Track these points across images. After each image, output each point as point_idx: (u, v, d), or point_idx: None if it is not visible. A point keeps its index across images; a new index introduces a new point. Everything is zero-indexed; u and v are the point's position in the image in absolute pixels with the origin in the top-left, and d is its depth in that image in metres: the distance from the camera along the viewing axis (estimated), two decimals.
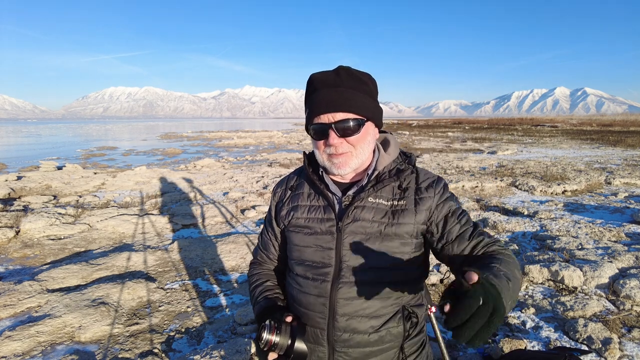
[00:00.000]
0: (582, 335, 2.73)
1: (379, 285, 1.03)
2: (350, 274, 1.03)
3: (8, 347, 2.70)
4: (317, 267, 1.07)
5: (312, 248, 1.08)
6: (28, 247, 4.98)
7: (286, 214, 1.16)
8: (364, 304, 1.03)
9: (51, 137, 37.99)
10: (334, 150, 1.03)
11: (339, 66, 1.06)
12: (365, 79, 1.05)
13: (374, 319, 1.04)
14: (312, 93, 1.05)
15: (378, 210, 1.05)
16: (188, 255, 4.56)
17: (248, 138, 27.55)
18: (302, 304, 1.10)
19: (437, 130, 36.88)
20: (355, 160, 1.05)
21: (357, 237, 1.04)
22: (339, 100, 1.00)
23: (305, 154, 1.20)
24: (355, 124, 1.01)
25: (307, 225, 1.10)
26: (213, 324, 3.19)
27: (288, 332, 0.99)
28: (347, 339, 1.05)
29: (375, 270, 1.03)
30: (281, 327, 0.99)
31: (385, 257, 1.03)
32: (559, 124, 38.98)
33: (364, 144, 1.05)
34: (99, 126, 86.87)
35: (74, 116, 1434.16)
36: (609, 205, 6.62)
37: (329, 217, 1.08)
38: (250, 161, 14.79)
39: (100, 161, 15.83)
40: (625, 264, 3.86)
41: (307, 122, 1.09)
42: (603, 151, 15.30)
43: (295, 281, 1.12)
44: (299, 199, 1.15)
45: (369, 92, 1.06)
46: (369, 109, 1.04)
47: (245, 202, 7.26)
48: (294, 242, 1.13)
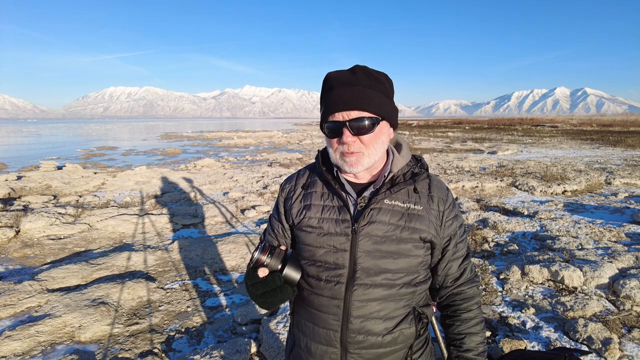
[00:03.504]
0: (582, 336, 2.73)
1: (393, 287, 1.04)
2: (365, 276, 1.03)
3: (8, 347, 2.71)
4: (331, 268, 1.06)
5: (325, 249, 1.07)
6: (28, 246, 4.98)
7: (298, 213, 1.14)
8: (378, 305, 1.04)
9: (51, 137, 38.01)
10: (346, 148, 1.02)
11: (356, 65, 1.05)
12: (382, 78, 1.05)
13: (388, 321, 1.05)
14: (328, 91, 1.04)
15: (394, 212, 1.05)
16: (188, 255, 4.56)
17: (248, 138, 27.56)
18: (313, 305, 1.09)
19: (437, 130, 36.89)
20: (368, 160, 1.04)
21: (372, 239, 1.03)
22: (355, 99, 1.00)
23: (319, 151, 1.18)
24: (369, 123, 1.01)
25: (320, 226, 1.08)
26: (213, 323, 3.19)
27: (280, 256, 1.00)
28: (361, 340, 1.04)
29: (390, 273, 1.04)
30: (274, 250, 1.01)
31: (399, 260, 1.04)
32: (559, 124, 38.98)
33: (377, 143, 1.04)
34: (99, 126, 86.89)
35: (74, 116, 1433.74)
36: (609, 206, 6.62)
37: (344, 218, 1.06)
38: (250, 161, 14.79)
39: (100, 161, 15.84)
40: (625, 264, 3.86)
41: (321, 120, 1.08)
42: (603, 151, 15.31)
43: (306, 282, 1.10)
44: (312, 197, 1.13)
45: (385, 92, 1.05)
46: (384, 108, 1.03)
47: (245, 202, 7.26)
48: (305, 242, 1.10)
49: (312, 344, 1.10)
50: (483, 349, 1.14)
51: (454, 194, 7.59)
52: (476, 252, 4.61)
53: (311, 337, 1.11)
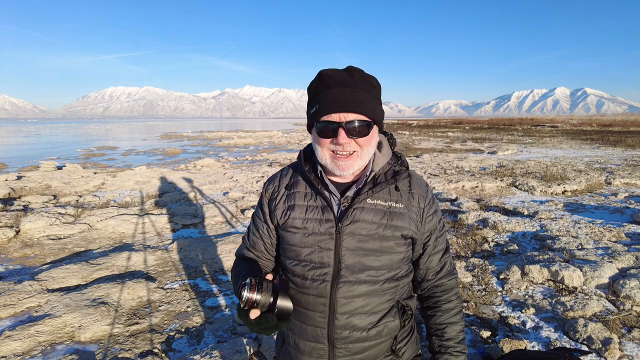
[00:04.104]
0: (582, 336, 2.73)
1: (376, 283, 1.07)
2: (349, 274, 1.06)
3: (8, 347, 2.70)
4: (316, 267, 1.08)
5: (310, 249, 1.08)
6: (28, 246, 4.98)
7: (282, 214, 1.14)
8: (362, 301, 1.06)
9: (51, 136, 38.00)
10: (340, 149, 1.03)
11: (350, 66, 1.06)
12: (374, 82, 1.06)
13: (372, 315, 1.08)
14: (324, 90, 1.03)
15: (376, 211, 1.07)
16: (188, 255, 4.56)
17: (248, 138, 27.56)
18: (300, 303, 1.11)
19: (437, 130, 36.89)
20: (360, 162, 1.06)
21: (355, 238, 1.06)
22: (353, 101, 1.00)
23: (302, 151, 1.18)
24: (365, 126, 1.03)
25: (304, 226, 1.10)
26: (213, 323, 3.19)
27: (270, 289, 0.96)
28: (347, 335, 1.07)
29: (373, 270, 1.07)
30: (262, 284, 0.95)
31: (382, 257, 1.07)
32: (559, 124, 38.98)
33: (369, 146, 1.06)
34: (99, 126, 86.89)
35: (74, 116, 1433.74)
36: (609, 206, 6.62)
37: (327, 218, 1.08)
38: (250, 161, 14.79)
39: (100, 161, 15.84)
40: (625, 264, 3.86)
41: (312, 118, 1.06)
42: (603, 151, 15.31)
43: (292, 281, 1.12)
44: (296, 198, 1.13)
45: (377, 96, 1.07)
46: (376, 112, 1.05)
47: (245, 202, 7.26)
48: (290, 242, 1.12)
49: (300, 341, 1.13)
50: (463, 336, 1.19)
51: (454, 194, 7.59)
52: (476, 252, 4.61)
53: (299, 335, 1.13)
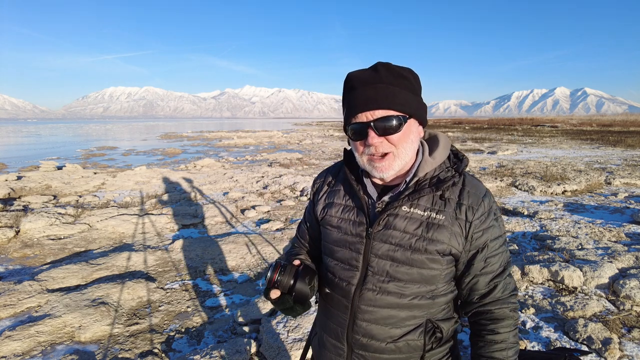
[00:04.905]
0: (582, 336, 2.73)
1: (404, 297, 1.00)
2: (375, 282, 1.01)
3: (8, 347, 2.70)
4: (345, 268, 1.06)
5: (342, 249, 1.07)
6: (28, 247, 4.98)
7: (322, 209, 1.15)
8: (385, 313, 1.01)
9: (51, 137, 38.00)
10: (374, 150, 0.97)
11: (378, 62, 0.99)
12: (405, 73, 0.98)
13: (394, 329, 1.02)
14: (350, 92, 0.99)
15: (412, 220, 0.99)
16: (188, 255, 4.56)
17: (248, 138, 27.56)
18: (328, 299, 1.12)
19: (437, 130, 36.90)
20: (399, 162, 0.99)
21: (385, 246, 1.00)
22: (378, 97, 0.94)
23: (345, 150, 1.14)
24: (396, 122, 0.94)
25: (339, 226, 1.08)
26: (213, 324, 3.19)
27: (292, 273, 1.02)
28: (365, 343, 1.04)
29: (402, 282, 1.00)
30: (286, 267, 1.02)
31: (412, 270, 0.99)
32: (559, 124, 38.99)
33: (406, 143, 0.98)
34: (99, 126, 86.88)
35: (74, 116, 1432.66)
36: (609, 206, 6.62)
37: (360, 220, 1.04)
38: (250, 161, 14.79)
39: (100, 161, 15.83)
40: (625, 264, 3.86)
41: (345, 123, 1.03)
42: (603, 151, 15.31)
43: (325, 277, 1.14)
44: (335, 196, 1.13)
45: (410, 88, 0.98)
46: (410, 105, 0.97)
47: (245, 202, 7.26)
48: (327, 240, 1.13)
49: (325, 335, 1.15)
50: None
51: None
52: None
53: (325, 329, 1.15)
